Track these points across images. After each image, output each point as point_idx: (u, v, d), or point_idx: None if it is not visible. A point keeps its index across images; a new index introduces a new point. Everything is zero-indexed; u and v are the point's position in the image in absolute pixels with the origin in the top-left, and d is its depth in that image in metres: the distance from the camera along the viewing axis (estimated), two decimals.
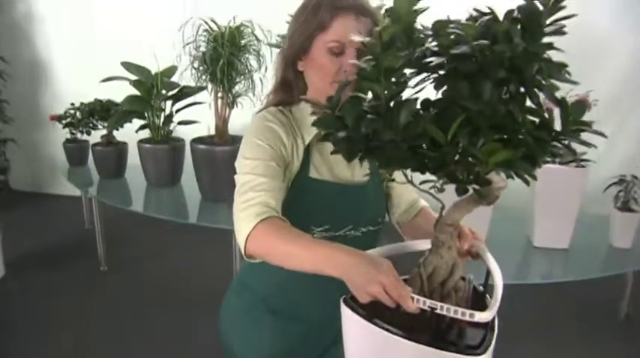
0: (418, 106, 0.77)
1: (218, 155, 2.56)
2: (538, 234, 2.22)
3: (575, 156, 2.10)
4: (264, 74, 2.53)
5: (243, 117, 2.74)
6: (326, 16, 1.01)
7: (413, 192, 1.21)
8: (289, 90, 1.11)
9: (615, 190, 2.31)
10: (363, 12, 1.02)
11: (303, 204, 1.04)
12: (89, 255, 3.16)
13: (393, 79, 0.77)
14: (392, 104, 0.76)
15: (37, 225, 3.89)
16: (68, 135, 3.36)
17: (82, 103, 3.23)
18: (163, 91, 2.78)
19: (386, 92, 0.75)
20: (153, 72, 2.77)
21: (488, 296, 0.92)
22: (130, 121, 2.89)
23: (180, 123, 2.92)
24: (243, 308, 1.19)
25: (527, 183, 0.82)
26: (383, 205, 1.16)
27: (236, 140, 2.66)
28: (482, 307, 0.87)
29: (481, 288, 0.95)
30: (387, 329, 0.80)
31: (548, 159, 2.41)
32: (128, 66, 2.81)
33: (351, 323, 0.85)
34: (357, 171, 1.09)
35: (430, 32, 0.76)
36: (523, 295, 2.55)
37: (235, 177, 1.04)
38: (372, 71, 0.74)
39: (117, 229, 3.53)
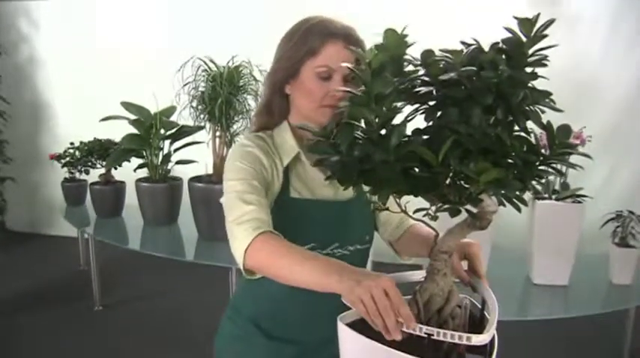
0: (409, 133, 0.80)
1: (216, 193, 2.56)
2: (537, 272, 2.21)
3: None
4: None
5: None
6: (316, 41, 1.05)
7: None
8: (272, 113, 1.14)
9: (613, 226, 2.31)
10: (351, 39, 1.05)
11: (287, 224, 1.05)
12: (84, 295, 3.13)
13: (384, 109, 0.80)
14: (383, 131, 0.79)
15: (32, 266, 3.86)
16: (67, 175, 3.38)
17: (81, 142, 3.27)
18: (162, 130, 2.82)
19: (377, 119, 0.78)
20: (152, 111, 2.82)
21: (485, 317, 0.92)
22: (129, 160, 2.91)
23: (178, 162, 2.94)
24: (237, 333, 1.18)
25: (518, 209, 0.83)
26: (370, 223, 1.17)
27: None
28: (480, 333, 0.87)
29: (478, 315, 0.95)
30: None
31: (545, 195, 2.40)
32: (127, 106, 2.86)
33: (349, 341, 0.85)
34: (340, 189, 1.09)
35: (419, 62, 0.80)
36: (524, 332, 2.52)
37: (221, 200, 1.06)
38: (362, 97, 0.77)
39: (113, 269, 3.50)
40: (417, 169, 0.75)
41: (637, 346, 2.63)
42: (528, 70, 0.79)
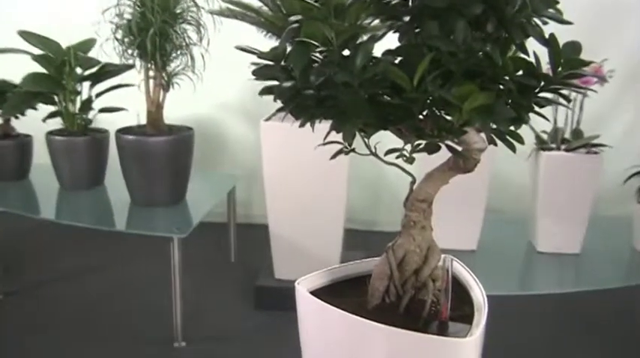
0: (379, 55, 0.80)
1: (151, 148, 2.55)
2: (542, 238, 2.27)
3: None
4: (206, 48, 2.55)
5: (181, 101, 2.74)
6: None
7: None
8: None
9: (638, 182, 2.34)
10: None
11: None
12: None
13: (346, 23, 0.79)
14: (346, 52, 0.79)
15: None
16: None
17: None
18: (78, 69, 2.75)
19: (337, 37, 0.77)
20: (63, 44, 2.73)
21: (472, 278, 0.95)
22: (35, 107, 2.84)
23: (102, 110, 2.89)
24: None
25: (512, 148, 0.85)
26: None
27: (173, 130, 2.66)
28: (466, 299, 0.90)
29: (463, 277, 0.97)
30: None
31: (553, 144, 2.43)
32: (28, 36, 2.74)
33: (311, 309, 0.87)
34: None
35: None
36: (527, 309, 2.58)
37: None
38: (319, 10, 0.76)
39: (19, 246, 3.44)
40: (387, 97, 0.76)
41: None
42: None
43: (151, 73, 2.55)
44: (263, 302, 2.52)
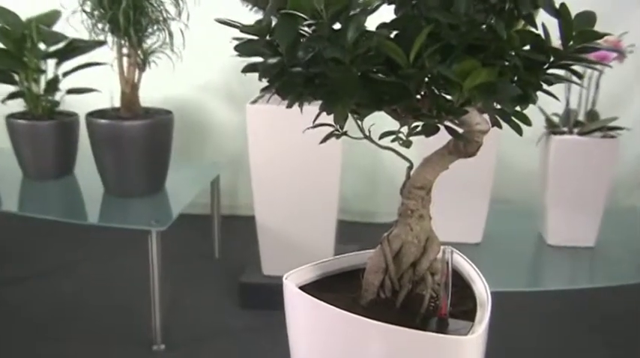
0: (373, 29, 0.80)
1: (126, 133, 2.54)
2: (553, 229, 2.28)
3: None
4: (186, 24, 2.54)
5: (158, 81, 2.73)
6: None
7: None
8: None
9: None
10: None
11: None
12: None
13: None
14: (338, 26, 0.79)
15: None
16: None
17: None
18: (42, 46, 2.73)
19: (327, 9, 0.77)
20: (23, 17, 2.70)
21: (474, 271, 0.96)
22: None
23: (70, 91, 2.87)
24: None
25: (518, 130, 0.86)
26: None
27: (150, 113, 2.65)
28: (468, 294, 0.91)
29: (464, 270, 0.98)
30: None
31: (564, 128, 2.45)
32: None
33: (301, 306, 0.88)
34: None
35: None
36: (535, 308, 2.60)
37: None
38: None
39: None
40: (381, 75, 0.76)
41: None
42: None
43: (125, 51, 2.54)
44: (249, 301, 2.52)
